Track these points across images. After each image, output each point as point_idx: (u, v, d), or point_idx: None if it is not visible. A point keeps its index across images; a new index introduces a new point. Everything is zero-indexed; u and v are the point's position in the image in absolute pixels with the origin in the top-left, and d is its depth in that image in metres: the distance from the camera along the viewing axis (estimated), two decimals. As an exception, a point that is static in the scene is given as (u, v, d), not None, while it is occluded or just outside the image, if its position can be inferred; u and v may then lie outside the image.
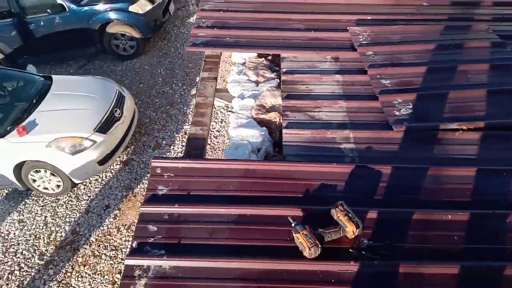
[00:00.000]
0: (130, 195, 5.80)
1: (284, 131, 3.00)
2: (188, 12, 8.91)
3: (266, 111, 3.37)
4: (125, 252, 5.15)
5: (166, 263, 2.34)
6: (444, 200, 2.59)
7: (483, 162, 2.74)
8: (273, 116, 3.32)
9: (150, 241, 2.44)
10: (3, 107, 5.83)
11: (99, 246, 5.27)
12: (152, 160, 2.79)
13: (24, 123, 5.45)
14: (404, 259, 2.34)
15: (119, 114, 5.89)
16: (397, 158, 2.85)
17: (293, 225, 2.41)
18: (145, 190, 2.70)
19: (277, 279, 2.30)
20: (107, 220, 5.52)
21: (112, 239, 5.34)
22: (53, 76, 6.34)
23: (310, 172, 2.75)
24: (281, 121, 3.21)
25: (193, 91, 5.38)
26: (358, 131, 3.01)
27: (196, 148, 2.93)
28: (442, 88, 3.23)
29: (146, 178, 5.92)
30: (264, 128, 3.25)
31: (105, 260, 5.12)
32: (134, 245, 2.43)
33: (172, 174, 2.73)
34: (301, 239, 2.35)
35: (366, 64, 3.47)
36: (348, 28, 3.91)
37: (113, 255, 5.18)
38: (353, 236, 2.41)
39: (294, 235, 2.38)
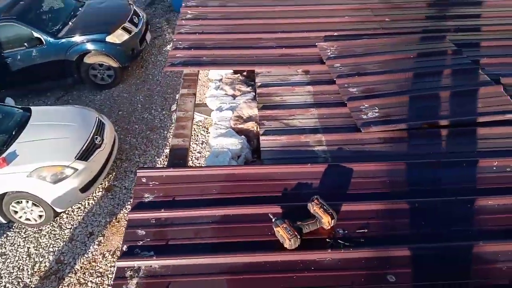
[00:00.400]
0: (113, 220, 5.94)
1: (261, 137, 3.28)
2: (165, 41, 9.29)
3: (244, 121, 3.66)
4: (111, 277, 5.25)
5: (156, 263, 2.53)
6: (407, 190, 2.88)
7: (441, 156, 3.08)
8: (251, 126, 3.61)
9: (139, 244, 2.63)
10: (-17, 140, 5.98)
11: (84, 273, 5.37)
12: (138, 170, 3.02)
13: (4, 155, 5.62)
14: (375, 244, 2.60)
15: (99, 141, 6.09)
16: (366, 156, 3.15)
17: (273, 220, 2.64)
18: (132, 198, 2.92)
19: (261, 271, 2.51)
20: (91, 247, 5.63)
21: (97, 265, 5.44)
22: (32, 108, 6.55)
23: (287, 173, 3.01)
24: (258, 129, 3.50)
25: (174, 107, 5.64)
26: (329, 134, 3.32)
27: (179, 157, 3.17)
28: (404, 92, 3.59)
29: (129, 203, 6.07)
30: (242, 136, 3.53)
31: (91, 287, 5.20)
32: (124, 248, 2.62)
33: (157, 183, 2.96)
34: (282, 232, 2.58)
35: (334, 75, 3.82)
36: (316, 44, 4.29)
37: (99, 282, 5.27)
38: (329, 227, 2.65)
39: (274, 229, 2.61)
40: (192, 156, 6.56)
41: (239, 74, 4.38)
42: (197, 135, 6.88)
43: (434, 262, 2.52)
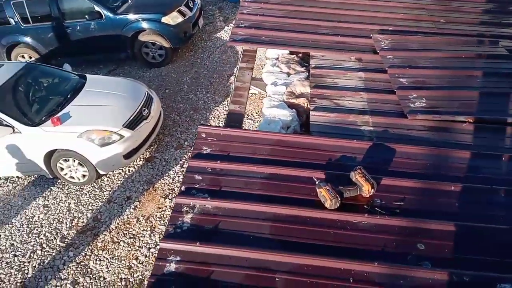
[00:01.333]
0: (151, 189, 6.42)
1: (311, 113, 3.67)
2: (215, 28, 9.81)
3: (296, 97, 4.05)
4: (142, 240, 5.72)
5: (209, 203, 2.96)
6: (446, 174, 3.20)
7: (479, 148, 3.37)
8: (302, 101, 4.00)
9: (196, 186, 3.07)
10: (40, 99, 6.63)
11: (118, 233, 5.84)
12: (199, 126, 3.46)
13: (58, 115, 6.18)
14: (409, 216, 2.92)
15: (146, 113, 6.60)
16: (409, 140, 3.48)
17: (317, 182, 3.02)
18: (192, 149, 3.35)
19: (302, 222, 2.89)
20: (127, 210, 6.12)
21: (131, 227, 5.92)
22: (87, 75, 7.15)
23: (333, 146, 3.39)
24: (308, 106, 3.88)
25: (232, 79, 6.02)
26: (376, 116, 3.68)
27: (234, 121, 3.60)
28: (452, 88, 3.91)
29: (167, 174, 6.56)
30: (293, 110, 3.92)
31: (123, 246, 5.67)
32: (182, 188, 3.05)
33: (215, 139, 3.39)
34: (324, 193, 2.95)
35: (386, 64, 4.18)
36: (371, 35, 4.66)
37: (130, 243, 5.74)
38: (369, 195, 3.00)
39: (317, 190, 2.99)
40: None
41: (294, 55, 4.79)
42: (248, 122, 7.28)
43: (462, 238, 2.82)
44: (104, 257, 5.55)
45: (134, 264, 5.45)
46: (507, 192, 3.08)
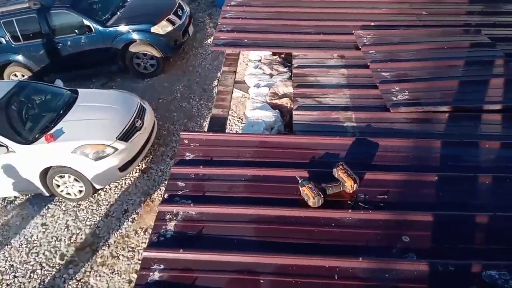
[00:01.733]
0: (148, 200, 6.45)
1: (294, 112, 3.70)
2: (206, 34, 9.88)
3: (279, 97, 4.09)
4: (141, 253, 5.74)
5: (193, 210, 2.99)
6: (429, 165, 3.21)
7: (462, 137, 3.40)
8: (285, 101, 4.03)
9: (179, 193, 3.10)
10: (33, 117, 6.69)
11: (117, 247, 5.87)
12: (181, 133, 3.50)
13: (51, 131, 6.23)
14: (393, 209, 2.94)
15: (140, 125, 6.64)
16: (392, 133, 3.50)
17: (300, 181, 3.04)
18: (176, 156, 3.39)
19: (286, 222, 2.91)
20: (125, 224, 6.14)
21: (130, 241, 5.94)
22: (79, 90, 7.21)
23: (316, 143, 3.41)
24: (292, 105, 3.91)
25: (215, 83, 6.11)
26: (359, 112, 3.70)
27: (218, 125, 3.63)
28: (434, 79, 3.93)
29: (163, 185, 6.59)
30: (276, 110, 3.96)
31: (123, 260, 5.70)
32: (165, 196, 3.09)
33: (197, 144, 3.43)
34: (307, 191, 2.97)
35: (369, 60, 4.20)
36: (353, 31, 4.68)
37: (130, 256, 5.76)
38: (352, 191, 3.02)
39: (300, 188, 3.01)
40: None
41: (277, 56, 4.84)
42: (231, 125, 7.33)
43: (447, 227, 2.83)
44: (104, 272, 5.57)
45: (134, 277, 5.45)
46: (490, 179, 3.09)
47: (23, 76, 8.81)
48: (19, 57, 8.60)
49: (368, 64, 4.17)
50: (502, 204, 2.94)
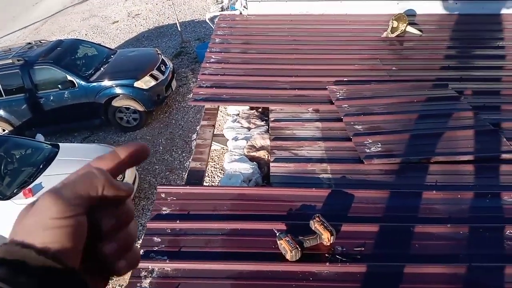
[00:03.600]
0: (128, 255, 6.26)
1: (271, 164, 3.71)
2: (189, 89, 10.03)
3: (256, 150, 4.11)
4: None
5: (168, 266, 2.90)
6: (404, 215, 3.22)
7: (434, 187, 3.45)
8: (262, 154, 4.06)
9: (154, 249, 3.02)
10: (12, 172, 6.58)
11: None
12: (158, 187, 3.46)
13: (30, 186, 6.12)
14: (370, 261, 2.91)
15: (120, 178, 6.57)
16: (367, 185, 3.52)
17: (277, 234, 3.00)
18: (152, 210, 3.34)
19: (264, 278, 2.84)
20: (105, 280, 5.92)
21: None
22: (60, 144, 7.16)
23: (293, 195, 3.40)
24: (269, 158, 3.93)
25: (194, 136, 6.15)
26: (334, 164, 3.72)
27: (195, 178, 3.61)
28: (405, 131, 4.02)
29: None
30: (254, 163, 3.97)
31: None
32: (141, 252, 3.00)
33: (174, 198, 3.38)
34: (284, 244, 2.93)
35: (342, 113, 4.29)
36: (327, 86, 4.82)
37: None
38: (329, 243, 2.98)
39: (278, 241, 2.96)
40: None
41: (254, 110, 4.91)
42: (214, 176, 7.32)
43: (425, 278, 2.80)
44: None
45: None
46: (465, 229, 3.11)
47: (3, 130, 8.73)
48: (0, 112, 8.55)
49: (342, 117, 4.26)
50: (478, 254, 2.94)
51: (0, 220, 5.87)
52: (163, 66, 9.28)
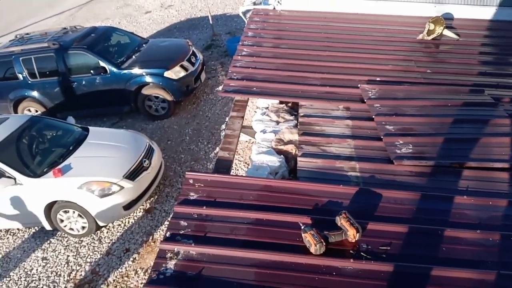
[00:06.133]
0: (150, 240, 6.36)
1: (299, 159, 3.73)
2: (217, 82, 10.10)
3: (284, 144, 4.13)
4: (141, 292, 5.62)
5: (193, 249, 2.96)
6: (432, 218, 3.19)
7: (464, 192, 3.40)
8: (290, 148, 4.07)
9: (181, 232, 3.08)
10: (42, 151, 6.76)
11: (116, 286, 5.73)
12: (186, 173, 3.52)
13: (60, 166, 6.28)
14: (395, 261, 2.89)
15: (147, 164, 6.67)
16: (395, 185, 3.49)
17: (302, 227, 3.02)
18: (180, 195, 3.39)
19: (287, 268, 2.86)
20: (126, 263, 6.03)
21: (129, 281, 5.81)
22: (90, 128, 7.33)
23: (319, 191, 3.40)
24: (297, 152, 3.95)
25: (223, 127, 6.18)
26: (363, 162, 3.71)
27: (223, 167, 3.66)
28: (437, 134, 3.97)
29: (166, 225, 6.52)
30: (281, 156, 3.99)
31: (121, 300, 5.56)
32: (167, 234, 3.07)
33: (202, 185, 3.44)
34: (309, 238, 2.94)
35: (373, 113, 4.27)
36: (359, 85, 4.79)
37: (128, 296, 5.63)
38: (354, 240, 2.98)
39: (302, 234, 2.98)
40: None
41: (284, 105, 4.93)
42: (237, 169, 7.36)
43: (450, 282, 2.77)
44: (102, 312, 5.44)
45: (132, 318, 5.33)
46: (496, 236, 3.05)
47: (36, 111, 8.98)
48: (34, 93, 8.80)
49: (373, 116, 4.23)
50: (507, 261, 2.89)
51: (31, 197, 6.08)
52: (194, 58, 9.36)
